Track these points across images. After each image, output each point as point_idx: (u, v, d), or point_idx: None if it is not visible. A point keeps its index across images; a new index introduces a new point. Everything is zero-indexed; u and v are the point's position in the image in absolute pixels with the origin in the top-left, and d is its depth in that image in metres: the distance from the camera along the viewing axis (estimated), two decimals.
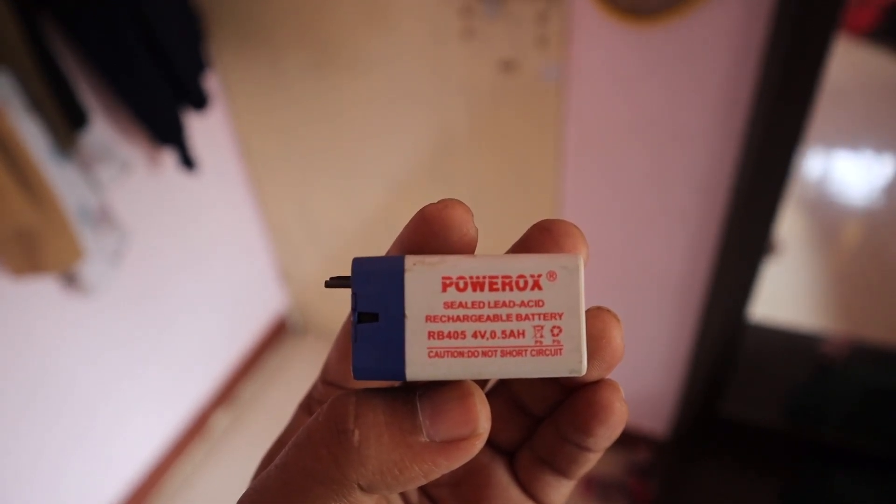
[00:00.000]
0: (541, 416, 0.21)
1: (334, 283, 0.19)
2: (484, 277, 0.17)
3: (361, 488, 0.16)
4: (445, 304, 0.17)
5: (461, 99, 1.15)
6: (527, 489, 0.22)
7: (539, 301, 0.17)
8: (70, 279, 1.09)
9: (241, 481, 1.43)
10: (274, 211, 1.58)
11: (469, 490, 0.22)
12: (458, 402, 0.17)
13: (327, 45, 1.20)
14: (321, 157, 1.39)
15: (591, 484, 1.36)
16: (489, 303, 0.17)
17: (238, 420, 1.58)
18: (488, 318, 0.17)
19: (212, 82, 1.33)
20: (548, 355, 0.17)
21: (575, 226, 0.19)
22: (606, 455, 1.43)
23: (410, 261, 0.17)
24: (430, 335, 0.17)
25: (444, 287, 0.17)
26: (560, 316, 0.17)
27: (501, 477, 0.22)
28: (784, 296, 1.43)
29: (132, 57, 1.03)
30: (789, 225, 1.53)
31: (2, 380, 1.03)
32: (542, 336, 0.17)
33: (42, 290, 1.06)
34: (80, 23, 0.98)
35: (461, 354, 0.17)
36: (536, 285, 0.17)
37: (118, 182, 1.13)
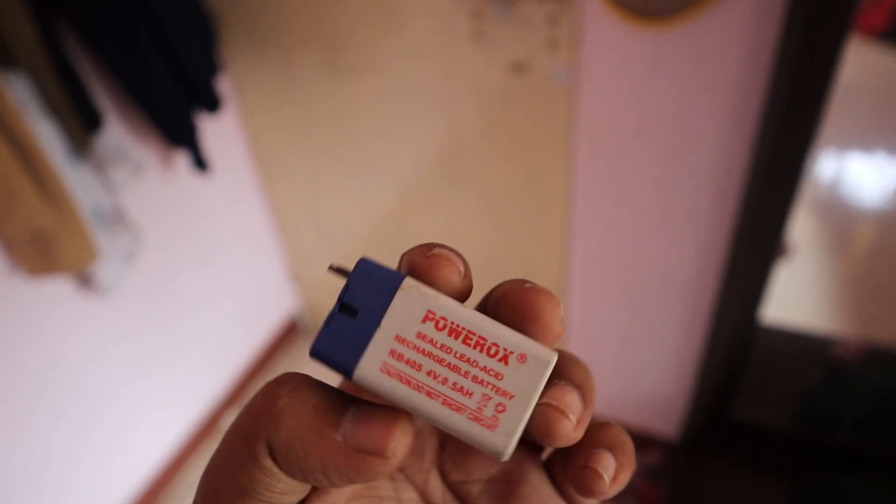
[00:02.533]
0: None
1: (335, 270, 0.20)
2: (463, 329, 0.18)
3: (270, 453, 0.17)
4: (419, 333, 0.18)
5: (471, 101, 1.15)
6: (560, 488, 0.22)
7: (499, 374, 0.18)
8: (85, 279, 1.10)
9: None
10: (285, 212, 1.59)
11: (502, 486, 0.22)
12: (384, 421, 0.17)
13: (338, 47, 1.21)
14: (332, 159, 1.40)
15: None
16: (456, 353, 0.18)
17: None
18: (448, 365, 0.18)
19: (224, 84, 1.35)
20: (481, 425, 0.18)
21: (552, 302, 0.19)
22: None
23: (409, 282, 0.18)
24: (391, 353, 0.18)
25: (426, 319, 0.18)
26: (511, 397, 0.18)
27: (535, 474, 0.22)
28: (796, 298, 1.42)
29: (146, 60, 1.05)
30: (801, 227, 1.52)
31: (16, 378, 1.04)
32: (485, 406, 0.18)
33: (57, 290, 1.08)
34: (95, 27, 0.99)
35: (408, 383, 0.18)
36: (504, 360, 0.18)
37: (132, 183, 1.14)
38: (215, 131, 1.35)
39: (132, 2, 0.99)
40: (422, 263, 0.19)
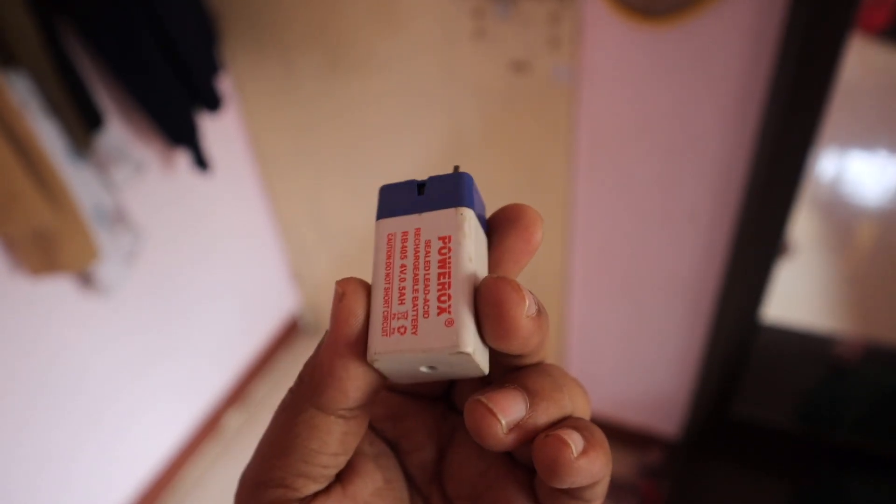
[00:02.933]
0: None
1: (455, 170, 0.23)
2: (448, 266, 0.20)
3: (315, 406, 0.19)
4: (427, 241, 0.20)
5: (472, 100, 1.15)
6: None
7: (427, 314, 0.19)
8: (86, 279, 1.10)
9: None
10: (286, 211, 1.59)
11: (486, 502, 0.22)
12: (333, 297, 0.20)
13: (339, 46, 1.21)
14: (333, 158, 1.40)
15: None
16: (427, 275, 0.20)
17: (250, 420, 1.59)
18: (416, 275, 0.20)
19: (225, 84, 1.35)
20: (382, 327, 0.19)
21: (512, 293, 0.19)
22: (617, 456, 1.43)
23: (463, 212, 0.21)
24: (404, 234, 0.21)
25: (441, 237, 0.21)
26: (414, 334, 0.19)
27: (518, 493, 0.22)
28: (797, 297, 1.42)
29: (147, 59, 1.05)
30: (803, 226, 1.52)
31: (17, 378, 1.04)
32: (399, 319, 0.19)
33: (58, 290, 1.08)
34: (97, 26, 0.99)
35: (388, 257, 0.21)
36: (441, 311, 0.19)
37: (132, 183, 1.14)
38: (216, 130, 1.35)
39: (133, 1, 0.99)
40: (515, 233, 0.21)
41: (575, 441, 0.18)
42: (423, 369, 0.20)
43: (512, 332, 0.18)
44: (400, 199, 0.21)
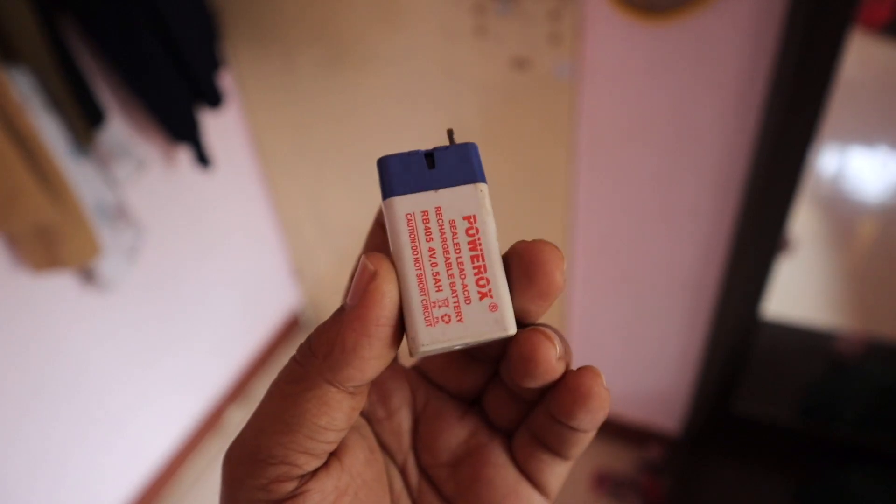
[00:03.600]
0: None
1: (449, 133, 0.23)
2: (480, 248, 0.20)
3: (329, 382, 0.19)
4: (451, 221, 0.20)
5: (474, 97, 1.15)
6: (523, 469, 0.22)
7: (469, 300, 0.20)
8: (88, 275, 1.10)
9: None
10: (287, 208, 1.59)
11: (466, 469, 0.23)
12: (359, 270, 0.19)
13: (340, 43, 1.21)
14: (334, 155, 1.40)
15: (603, 481, 1.37)
16: (459, 259, 0.20)
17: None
18: (447, 259, 0.20)
19: (226, 80, 1.35)
20: (424, 316, 0.19)
21: (555, 254, 0.19)
22: (618, 452, 1.43)
23: (482, 187, 0.21)
24: (424, 213, 0.20)
25: (465, 217, 0.20)
26: (459, 321, 0.19)
27: (499, 457, 0.23)
28: (798, 293, 1.42)
29: (148, 56, 1.05)
30: (803, 222, 1.52)
31: (18, 373, 1.05)
32: (439, 307, 0.19)
33: (60, 285, 1.08)
34: (98, 22, 0.99)
35: (413, 240, 0.20)
36: (481, 295, 0.20)
37: (134, 179, 1.14)
38: (217, 127, 1.35)
39: None
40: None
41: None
42: (456, 348, 0.20)
43: (553, 290, 0.19)
44: (408, 173, 0.21)
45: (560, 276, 0.19)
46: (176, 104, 1.13)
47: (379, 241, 0.24)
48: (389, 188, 0.20)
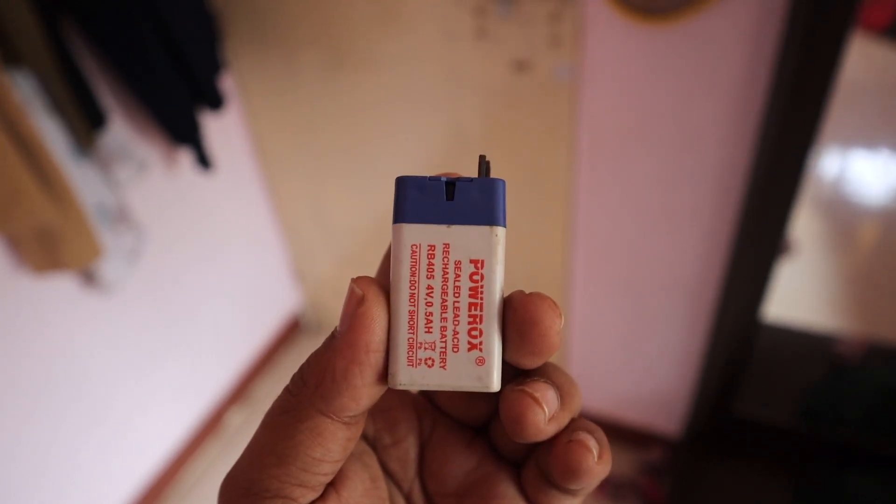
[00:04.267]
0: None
1: (482, 161, 0.22)
2: (481, 297, 0.19)
3: (322, 413, 0.19)
4: (457, 262, 0.19)
5: (474, 99, 1.15)
6: (532, 502, 0.22)
7: (456, 348, 0.19)
8: (88, 277, 1.10)
9: None
10: (288, 210, 1.60)
11: (474, 500, 0.22)
12: (347, 294, 0.19)
13: (341, 46, 1.21)
14: (335, 157, 1.40)
15: (602, 483, 1.36)
16: (457, 302, 0.19)
17: (252, 418, 1.60)
18: (444, 301, 0.19)
19: (227, 82, 1.35)
20: (408, 355, 0.19)
21: (553, 311, 0.19)
22: (619, 455, 1.43)
23: (499, 231, 0.20)
24: (431, 246, 0.19)
25: (472, 261, 0.19)
26: (443, 367, 0.19)
27: (507, 489, 0.22)
28: (799, 295, 1.42)
29: (150, 58, 1.05)
30: (804, 224, 1.52)
31: (19, 375, 1.05)
32: (426, 349, 0.19)
33: (61, 288, 1.08)
34: (99, 24, 1.00)
35: (413, 274, 0.19)
36: (471, 347, 0.19)
37: (135, 181, 1.15)
38: (218, 129, 1.35)
39: (137, 0, 0.99)
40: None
41: (593, 446, 0.19)
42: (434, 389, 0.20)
43: (546, 351, 0.19)
44: (425, 200, 0.20)
45: (555, 337, 0.19)
46: (177, 106, 1.13)
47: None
48: (401, 213, 0.19)
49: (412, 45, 1.14)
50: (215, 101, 1.19)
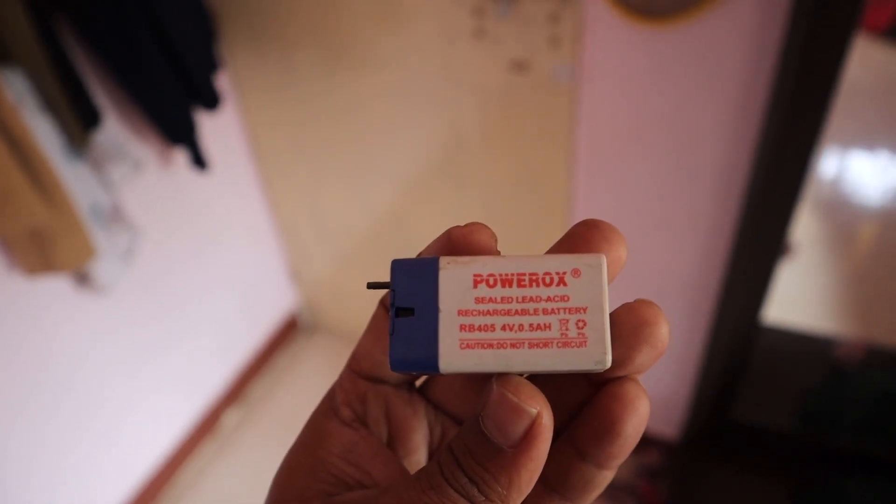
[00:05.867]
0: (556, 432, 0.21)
1: (375, 285, 0.20)
2: (512, 275, 0.18)
3: None
4: (476, 299, 0.18)
5: (472, 99, 1.14)
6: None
7: (564, 297, 0.18)
8: (83, 278, 1.09)
9: (251, 479, 1.44)
10: (285, 210, 1.59)
11: None
12: (511, 409, 0.19)
13: (339, 45, 1.20)
14: (332, 157, 1.39)
15: None
16: (517, 298, 0.18)
17: (248, 418, 1.59)
18: (516, 312, 0.18)
19: (223, 81, 1.34)
20: (573, 347, 0.18)
21: (615, 227, 0.20)
22: None
23: (444, 261, 0.19)
24: (462, 328, 0.18)
25: (476, 283, 0.18)
26: (585, 310, 0.18)
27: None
28: (796, 298, 1.41)
29: (144, 56, 1.04)
30: (803, 226, 1.51)
31: (15, 378, 1.04)
32: (567, 329, 0.18)
33: (54, 289, 1.07)
34: (93, 22, 0.98)
35: (491, 346, 0.18)
36: (562, 282, 0.18)
37: (130, 181, 1.13)
38: (214, 128, 1.34)
39: None
40: (461, 231, 0.20)
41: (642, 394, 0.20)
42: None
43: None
44: (415, 339, 0.19)
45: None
46: (172, 105, 1.12)
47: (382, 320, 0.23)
48: (429, 364, 0.18)
49: (410, 44, 1.13)
50: (211, 101, 1.18)
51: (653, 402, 1.14)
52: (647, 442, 1.42)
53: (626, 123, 1.01)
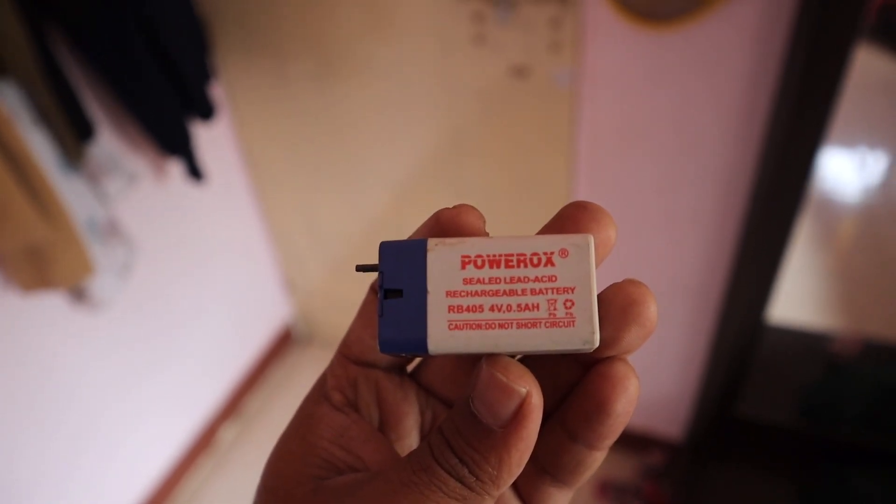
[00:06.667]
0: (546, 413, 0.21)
1: (364, 268, 0.21)
2: (500, 255, 0.18)
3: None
4: (464, 280, 0.18)
5: (471, 105, 1.14)
6: (526, 501, 0.22)
7: (552, 276, 0.18)
8: (79, 294, 1.07)
9: (250, 494, 1.41)
10: (279, 220, 1.57)
11: None
12: (500, 388, 0.18)
13: (333, 54, 1.19)
14: (327, 167, 1.38)
15: (605, 487, 1.36)
16: (505, 278, 0.18)
17: (245, 432, 1.56)
18: (504, 292, 0.18)
19: (217, 92, 1.32)
20: (561, 327, 0.18)
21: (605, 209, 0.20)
22: (620, 458, 1.43)
23: (433, 242, 0.19)
24: (451, 309, 0.18)
25: (464, 265, 0.18)
26: (572, 290, 0.18)
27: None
28: (789, 294, 1.43)
29: (139, 67, 1.02)
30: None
31: (10, 395, 1.01)
32: (555, 309, 0.18)
33: (50, 305, 1.04)
34: (88, 34, 0.97)
35: (479, 327, 0.18)
36: (549, 262, 0.18)
37: (125, 194, 1.11)
38: (207, 139, 1.32)
39: (125, 9, 0.96)
40: (449, 213, 0.20)
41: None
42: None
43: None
44: (402, 320, 0.19)
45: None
46: (168, 117, 1.10)
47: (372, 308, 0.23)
48: (417, 345, 0.19)
49: (407, 52, 1.13)
50: (206, 111, 1.16)
51: (657, 402, 1.14)
52: (650, 442, 1.43)
53: (628, 127, 1.02)
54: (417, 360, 0.24)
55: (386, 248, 0.19)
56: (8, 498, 1.03)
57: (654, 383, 1.32)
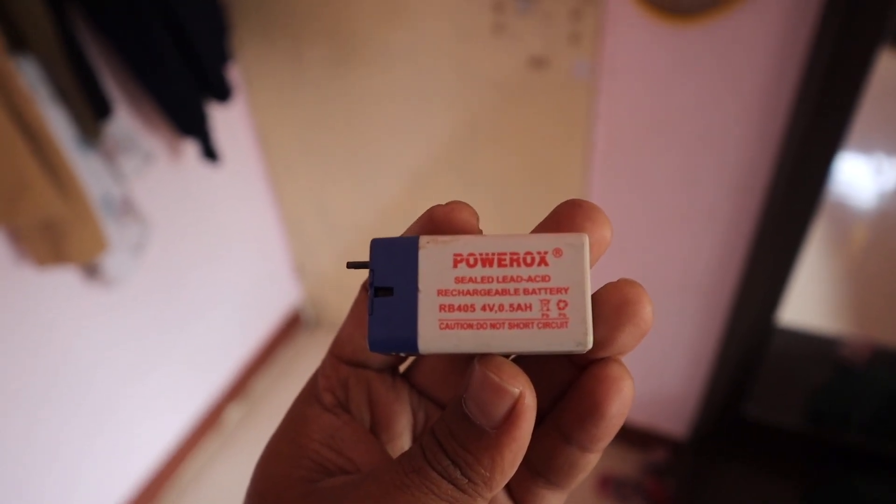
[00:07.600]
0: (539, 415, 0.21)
1: (354, 265, 0.20)
2: (493, 254, 0.18)
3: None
4: (456, 279, 0.18)
5: (488, 95, 1.14)
6: (518, 501, 0.22)
7: (545, 276, 0.18)
8: (92, 270, 1.08)
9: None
10: (291, 204, 1.57)
11: None
12: (492, 388, 0.18)
13: (351, 39, 1.19)
14: (340, 152, 1.38)
15: (607, 484, 1.36)
16: (498, 278, 0.18)
17: (251, 413, 1.58)
18: (497, 292, 0.18)
19: (234, 74, 1.32)
20: (554, 328, 0.18)
21: (600, 207, 0.19)
22: (623, 455, 1.43)
23: (424, 240, 0.18)
24: (442, 308, 0.18)
25: (455, 263, 0.18)
26: (566, 291, 0.18)
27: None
28: (800, 297, 1.42)
29: (157, 47, 1.02)
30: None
31: (22, 370, 1.02)
32: (548, 309, 0.18)
33: (63, 281, 1.05)
34: (107, 13, 0.97)
35: (470, 326, 0.18)
36: (543, 261, 0.18)
37: (141, 173, 1.12)
38: (222, 121, 1.32)
39: None
40: (442, 210, 0.19)
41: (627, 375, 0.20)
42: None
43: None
44: (393, 318, 0.18)
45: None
46: (184, 97, 1.11)
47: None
48: (407, 344, 0.18)
49: (426, 40, 1.12)
50: (222, 93, 1.17)
51: (663, 399, 1.14)
52: (654, 440, 1.43)
53: (646, 120, 1.01)
54: (410, 360, 0.24)
55: (377, 245, 0.19)
56: (23, 474, 1.05)
57: (661, 380, 1.32)
